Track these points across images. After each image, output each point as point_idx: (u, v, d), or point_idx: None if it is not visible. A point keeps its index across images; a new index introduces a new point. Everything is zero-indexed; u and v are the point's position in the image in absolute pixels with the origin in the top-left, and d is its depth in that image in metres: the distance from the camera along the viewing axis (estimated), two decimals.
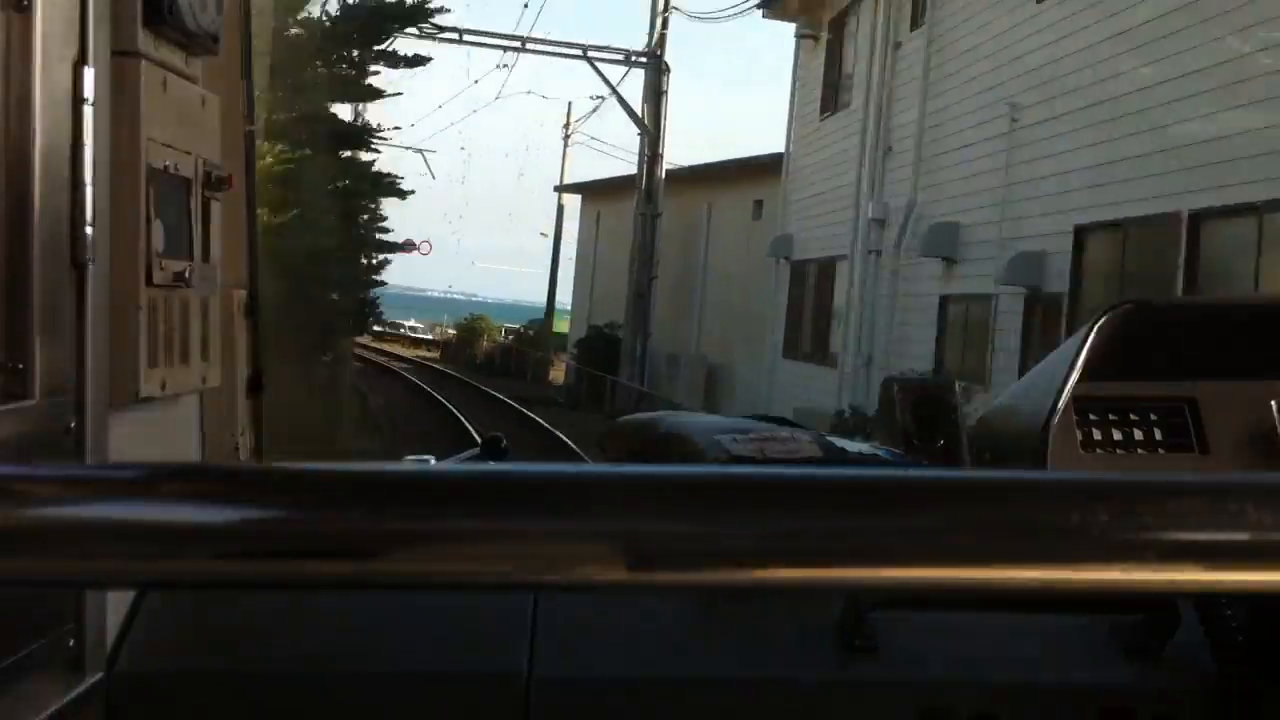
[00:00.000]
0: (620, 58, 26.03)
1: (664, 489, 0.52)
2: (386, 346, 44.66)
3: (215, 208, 1.67)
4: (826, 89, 19.94)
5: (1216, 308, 1.87)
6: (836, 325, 18.60)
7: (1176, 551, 0.51)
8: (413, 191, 21.54)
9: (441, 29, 23.05)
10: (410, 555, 0.51)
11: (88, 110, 1.35)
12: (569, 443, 17.85)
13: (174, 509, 0.51)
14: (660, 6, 25.37)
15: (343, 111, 19.73)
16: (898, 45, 17.26)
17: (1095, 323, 1.78)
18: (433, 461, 2.00)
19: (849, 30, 19.09)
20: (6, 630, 1.29)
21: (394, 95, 20.02)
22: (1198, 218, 10.47)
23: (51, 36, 1.30)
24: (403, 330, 55.56)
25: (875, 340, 17.08)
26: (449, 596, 1.62)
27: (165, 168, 1.50)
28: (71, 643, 1.42)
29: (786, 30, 21.74)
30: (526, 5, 25.32)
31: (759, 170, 22.85)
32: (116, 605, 1.54)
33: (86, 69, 1.35)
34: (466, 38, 25.08)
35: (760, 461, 1.70)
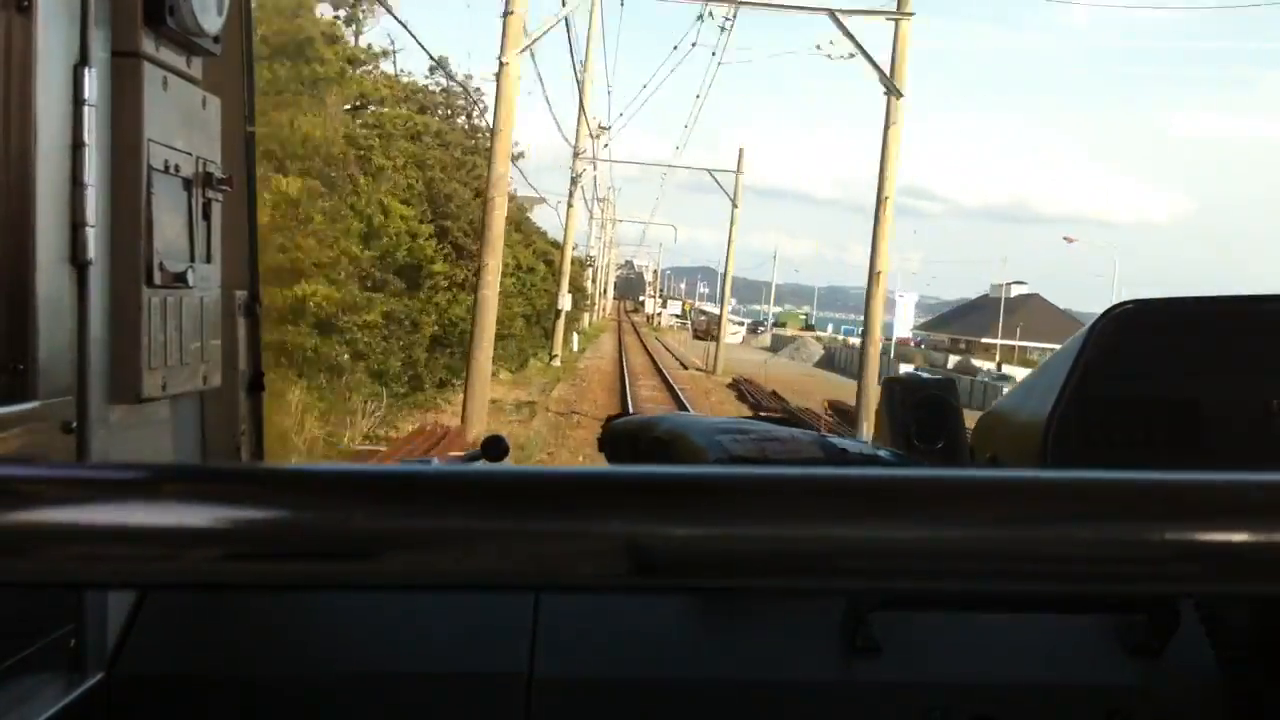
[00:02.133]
0: None
1: (664, 490, 0.52)
2: None
3: (215, 208, 1.67)
4: None
5: (1216, 307, 1.87)
6: None
7: (1177, 551, 0.51)
8: None
9: None
10: (410, 556, 0.51)
11: (88, 111, 1.35)
12: None
13: (174, 510, 0.50)
14: None
15: None
16: None
17: (1096, 323, 1.78)
18: (434, 462, 2.00)
19: None
20: (7, 630, 1.29)
21: None
22: None
23: (52, 37, 1.29)
24: None
25: None
26: (449, 597, 1.62)
27: (166, 168, 1.50)
28: (72, 643, 1.42)
29: None
30: None
31: None
32: (117, 606, 1.54)
33: (87, 69, 1.35)
34: None
35: (761, 462, 1.69)
